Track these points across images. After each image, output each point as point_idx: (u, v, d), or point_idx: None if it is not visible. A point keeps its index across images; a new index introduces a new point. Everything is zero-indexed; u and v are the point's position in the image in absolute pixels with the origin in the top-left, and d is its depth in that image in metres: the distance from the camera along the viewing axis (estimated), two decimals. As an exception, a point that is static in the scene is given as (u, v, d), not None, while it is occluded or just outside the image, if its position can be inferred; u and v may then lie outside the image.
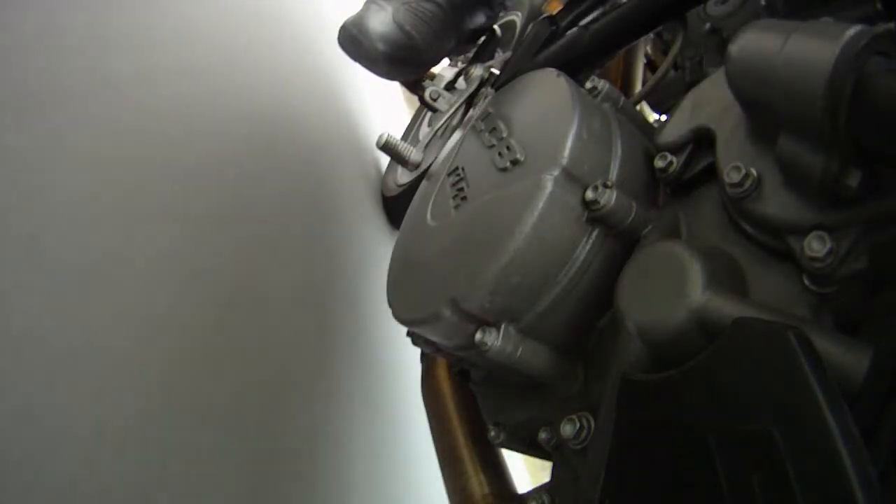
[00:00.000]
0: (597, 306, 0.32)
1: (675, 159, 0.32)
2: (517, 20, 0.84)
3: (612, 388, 0.26)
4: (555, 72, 0.38)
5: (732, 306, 0.24)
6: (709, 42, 0.57)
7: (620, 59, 0.68)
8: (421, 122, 1.03)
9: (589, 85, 0.38)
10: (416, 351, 0.44)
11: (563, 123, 0.33)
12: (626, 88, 0.68)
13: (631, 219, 0.31)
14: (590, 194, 0.30)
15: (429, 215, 0.40)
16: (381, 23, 0.69)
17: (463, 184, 0.38)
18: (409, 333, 0.40)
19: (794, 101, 0.22)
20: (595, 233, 0.31)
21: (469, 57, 0.85)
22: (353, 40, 0.70)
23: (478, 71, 0.75)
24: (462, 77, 0.84)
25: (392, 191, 0.92)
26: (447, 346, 0.36)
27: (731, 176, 0.26)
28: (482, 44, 0.83)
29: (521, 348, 0.31)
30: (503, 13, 0.82)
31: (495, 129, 0.38)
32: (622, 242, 0.32)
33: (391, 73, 0.74)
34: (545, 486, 0.35)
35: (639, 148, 0.35)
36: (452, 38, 0.76)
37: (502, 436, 0.38)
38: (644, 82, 0.70)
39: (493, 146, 0.37)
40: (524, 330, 0.32)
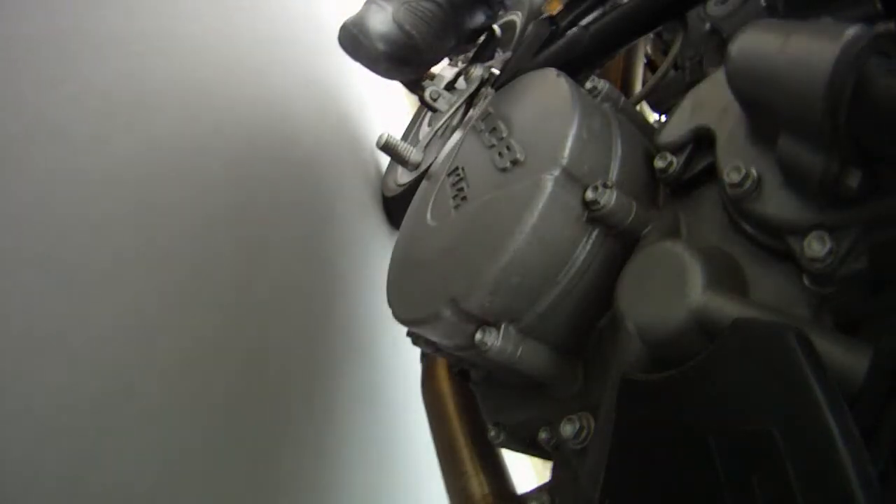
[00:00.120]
0: (597, 306, 0.32)
1: (675, 159, 0.32)
2: (517, 20, 0.84)
3: (612, 388, 0.26)
4: (555, 72, 0.38)
5: (732, 306, 0.24)
6: (709, 42, 0.57)
7: (620, 59, 0.68)
8: (421, 122, 1.03)
9: (589, 85, 0.38)
10: (416, 351, 0.44)
11: (563, 123, 0.33)
12: (626, 88, 0.68)
13: (631, 219, 0.31)
14: (590, 194, 0.30)
15: (429, 215, 0.40)
16: (381, 22, 0.69)
17: (463, 184, 0.38)
18: (409, 333, 0.40)
19: (794, 102, 0.22)
20: (595, 233, 0.31)
21: (469, 57, 0.85)
22: (354, 40, 0.70)
23: (478, 71, 0.75)
24: (462, 77, 0.84)
25: (392, 191, 0.92)
26: (447, 346, 0.36)
27: (731, 176, 0.26)
28: (482, 44, 0.83)
29: (521, 348, 0.31)
30: (503, 13, 0.82)
31: (495, 129, 0.38)
32: (622, 242, 0.32)
33: (391, 72, 0.74)
34: (545, 486, 0.35)
35: (639, 148, 0.35)
36: (452, 37, 0.76)
37: (502, 436, 0.38)
38: (644, 82, 0.70)
39: (493, 146, 0.37)
40: (524, 330, 0.32)
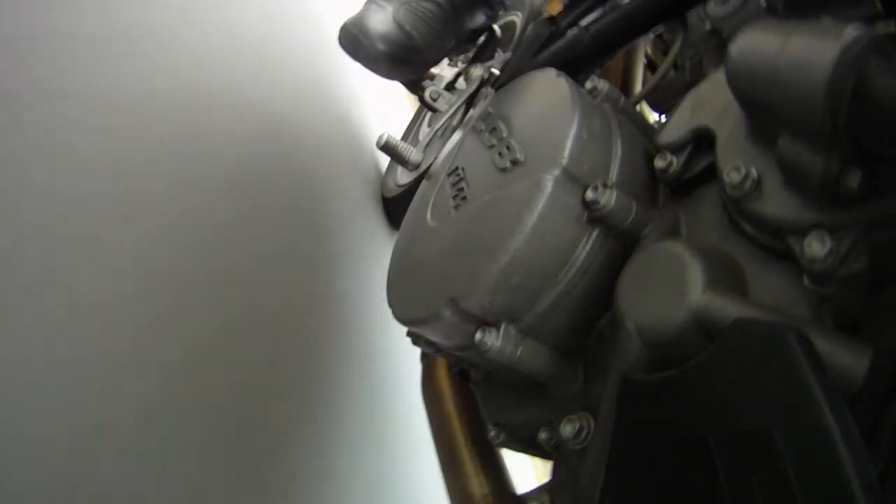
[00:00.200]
0: (597, 306, 0.32)
1: (675, 159, 0.32)
2: (517, 20, 0.84)
3: (612, 388, 0.26)
4: (555, 72, 0.38)
5: (732, 306, 0.24)
6: (709, 42, 0.57)
7: (620, 59, 0.68)
8: (421, 122, 1.03)
9: (589, 85, 0.38)
10: (416, 351, 0.44)
11: (563, 123, 0.33)
12: (626, 88, 0.68)
13: (631, 219, 0.31)
14: (590, 194, 0.30)
15: (429, 215, 0.40)
16: (381, 22, 0.69)
17: (463, 184, 0.38)
18: (409, 333, 0.40)
19: (794, 102, 0.22)
20: (595, 233, 0.31)
21: (469, 57, 0.85)
22: (354, 40, 0.70)
23: (478, 71, 0.75)
24: (462, 77, 0.83)
25: (392, 191, 0.92)
26: (447, 346, 0.36)
27: (731, 176, 0.26)
28: (482, 44, 0.83)
29: (521, 348, 0.31)
30: (503, 13, 0.82)
31: (495, 129, 0.38)
32: (622, 242, 0.32)
33: (391, 72, 0.74)
34: (545, 486, 0.35)
35: (639, 148, 0.35)
36: (452, 38, 0.76)
37: (502, 436, 0.38)
38: (644, 82, 0.70)
39: (493, 146, 0.37)
40: (524, 330, 0.32)
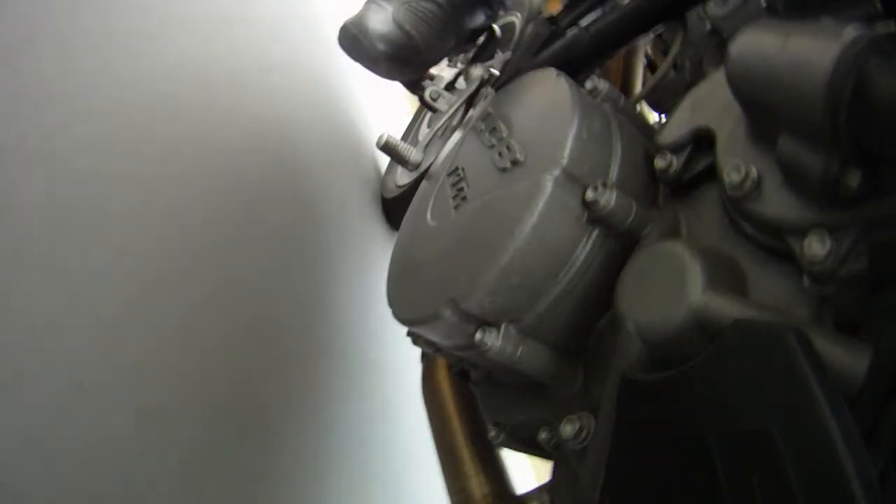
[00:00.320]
0: (597, 306, 0.32)
1: (675, 159, 0.32)
2: (517, 20, 0.84)
3: (612, 388, 0.26)
4: (555, 72, 0.38)
5: (732, 306, 0.24)
6: (709, 42, 0.57)
7: (620, 59, 0.68)
8: (421, 122, 1.03)
9: (589, 85, 0.38)
10: (416, 351, 0.44)
11: (563, 123, 0.33)
12: (626, 88, 0.68)
13: (631, 219, 0.31)
14: (590, 194, 0.30)
15: (429, 215, 0.40)
16: (380, 22, 0.69)
17: (463, 184, 0.38)
18: (409, 333, 0.40)
19: (794, 102, 0.22)
20: (595, 233, 0.31)
21: (469, 57, 0.85)
22: (354, 40, 0.70)
23: (478, 71, 0.75)
24: (462, 77, 0.83)
25: (392, 192, 0.92)
26: (447, 346, 0.36)
27: (731, 176, 0.26)
28: (482, 44, 0.83)
29: (521, 348, 0.31)
30: (503, 13, 0.82)
31: (495, 129, 0.38)
32: (622, 242, 0.32)
33: (391, 72, 0.74)
34: (545, 485, 0.35)
35: (639, 148, 0.35)
36: (452, 37, 0.76)
37: (502, 436, 0.38)
38: (644, 82, 0.70)
39: (493, 146, 0.37)
40: (524, 330, 0.32)
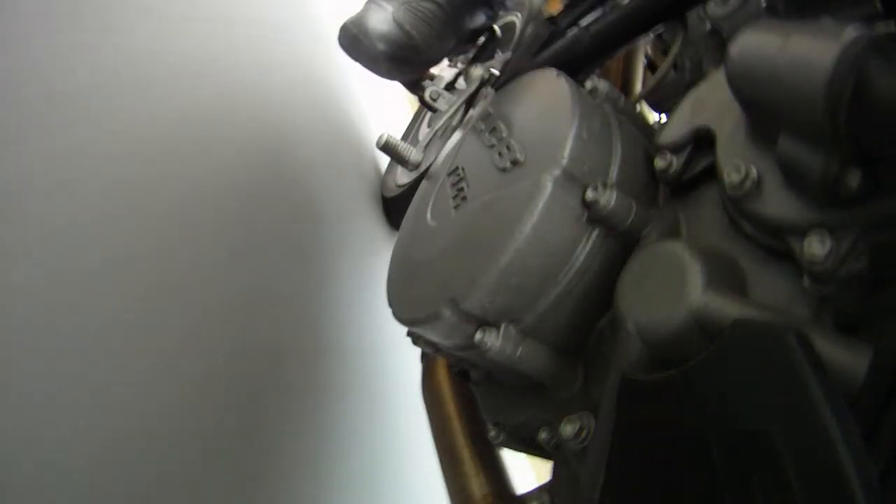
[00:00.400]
0: (597, 307, 0.32)
1: (675, 159, 0.32)
2: (517, 20, 0.84)
3: (612, 388, 0.26)
4: (555, 72, 0.38)
5: (732, 306, 0.24)
6: (709, 42, 0.57)
7: (620, 59, 0.68)
8: (421, 122, 1.03)
9: (589, 85, 0.38)
10: (416, 351, 0.44)
11: (563, 123, 0.33)
12: (626, 88, 0.68)
13: (631, 219, 0.31)
14: (590, 194, 0.30)
15: (429, 215, 0.40)
16: (381, 22, 0.69)
17: (463, 184, 0.38)
18: (409, 333, 0.40)
19: (794, 102, 0.22)
20: (595, 233, 0.31)
21: (469, 57, 0.85)
22: (354, 40, 0.70)
23: (478, 71, 0.75)
24: (462, 77, 0.83)
25: (392, 191, 0.92)
26: (447, 346, 0.36)
27: (731, 176, 0.26)
28: (482, 44, 0.83)
29: (521, 348, 0.31)
30: (503, 13, 0.82)
31: (495, 129, 0.38)
32: (622, 242, 0.32)
33: (391, 72, 0.74)
34: (545, 485, 0.35)
35: (639, 148, 0.35)
36: (452, 37, 0.76)
37: (502, 436, 0.38)
38: (644, 82, 0.70)
39: (493, 146, 0.37)
40: (524, 330, 0.32)
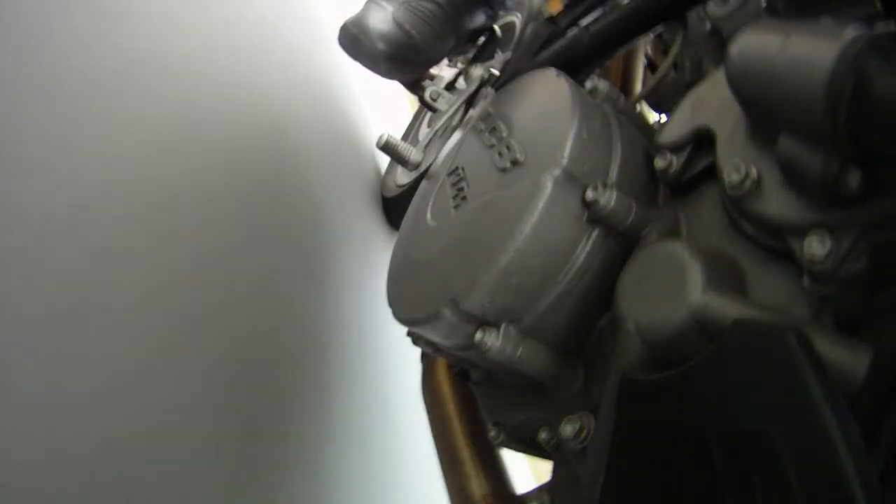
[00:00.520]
0: (597, 307, 0.32)
1: (675, 159, 0.32)
2: (517, 20, 0.84)
3: (612, 388, 0.26)
4: (555, 72, 0.38)
5: (732, 306, 0.24)
6: (709, 42, 0.57)
7: (620, 59, 0.68)
8: (421, 122, 1.03)
9: (589, 85, 0.38)
10: (416, 351, 0.44)
11: (563, 123, 0.33)
12: (626, 88, 0.68)
13: (631, 219, 0.31)
14: (590, 194, 0.30)
15: (429, 215, 0.40)
16: (381, 22, 0.70)
17: (463, 184, 0.38)
18: (409, 333, 0.40)
19: (794, 102, 0.22)
20: (595, 233, 0.31)
21: (469, 57, 0.85)
22: (354, 40, 0.70)
23: (478, 71, 0.75)
24: (462, 77, 0.83)
25: (392, 191, 0.92)
26: (447, 346, 0.36)
27: (731, 176, 0.26)
28: (482, 44, 0.83)
29: (521, 348, 0.31)
30: (503, 13, 0.82)
31: (495, 129, 0.38)
32: (622, 242, 0.32)
33: (391, 72, 0.74)
34: (545, 485, 0.35)
35: (639, 148, 0.35)
36: (452, 37, 0.76)
37: (502, 436, 0.38)
38: (644, 82, 0.70)
39: (493, 146, 0.37)
40: (524, 330, 0.32)
